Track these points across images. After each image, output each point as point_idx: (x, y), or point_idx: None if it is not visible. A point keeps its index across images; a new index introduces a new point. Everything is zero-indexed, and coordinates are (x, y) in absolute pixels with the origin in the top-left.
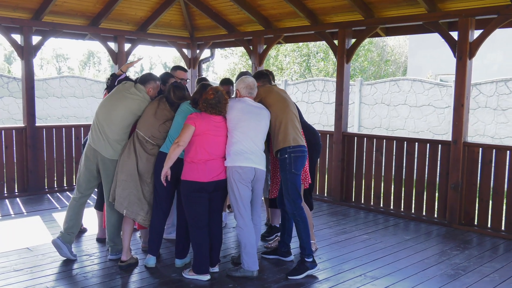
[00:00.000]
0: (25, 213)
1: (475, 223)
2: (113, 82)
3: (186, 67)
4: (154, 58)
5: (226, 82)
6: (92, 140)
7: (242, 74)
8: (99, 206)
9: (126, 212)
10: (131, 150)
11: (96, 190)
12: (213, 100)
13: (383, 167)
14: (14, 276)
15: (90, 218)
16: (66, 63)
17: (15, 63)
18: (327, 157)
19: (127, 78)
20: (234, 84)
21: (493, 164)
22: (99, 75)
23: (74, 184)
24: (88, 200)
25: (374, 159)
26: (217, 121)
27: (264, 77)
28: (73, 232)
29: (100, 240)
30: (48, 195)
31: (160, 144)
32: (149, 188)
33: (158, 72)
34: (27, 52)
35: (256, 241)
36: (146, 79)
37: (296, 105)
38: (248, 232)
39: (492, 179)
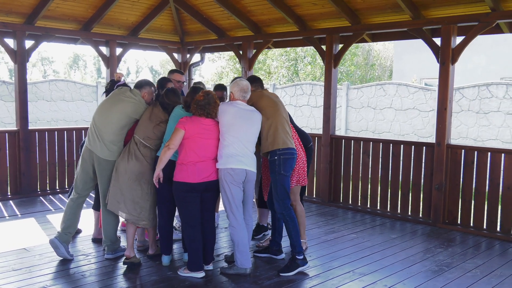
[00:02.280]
0: (19, 215)
1: (458, 222)
2: (112, 87)
3: (183, 72)
4: (141, 62)
5: (220, 87)
6: (88, 141)
7: (236, 79)
8: (96, 207)
9: (120, 213)
10: (126, 153)
11: (93, 191)
12: (203, 101)
13: (370, 168)
14: (13, 275)
15: (86, 219)
16: (51, 66)
17: None
18: (315, 159)
19: (125, 84)
20: (228, 87)
21: (475, 165)
22: (86, 78)
23: (66, 186)
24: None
25: (361, 161)
26: (207, 124)
27: (257, 81)
28: (70, 232)
29: (96, 240)
30: (41, 197)
31: (154, 146)
32: (143, 189)
33: (144, 75)
34: (20, 56)
35: (248, 240)
36: (141, 84)
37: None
38: (241, 231)
39: (474, 179)
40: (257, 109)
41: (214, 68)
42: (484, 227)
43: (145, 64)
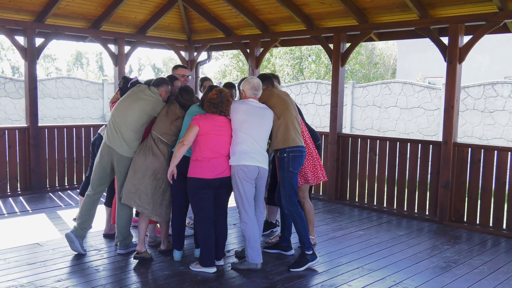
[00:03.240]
0: (30, 211)
1: (465, 219)
2: (126, 84)
3: (186, 66)
4: (143, 60)
5: (229, 86)
6: (107, 138)
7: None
8: (108, 203)
9: (134, 206)
10: (143, 149)
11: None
12: (216, 99)
13: (376, 166)
14: (28, 269)
15: (97, 215)
16: (54, 63)
17: (1, 63)
18: (322, 157)
19: (138, 81)
20: (241, 85)
21: (481, 164)
22: (89, 75)
23: (75, 183)
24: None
25: (368, 159)
26: (220, 121)
27: (267, 80)
28: (85, 227)
29: (107, 236)
30: (50, 193)
31: (171, 142)
32: (158, 185)
33: (147, 73)
34: (30, 54)
35: (259, 236)
36: (159, 82)
37: (297, 106)
38: (252, 226)
39: (480, 177)
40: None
41: (217, 66)
42: (491, 224)
43: (148, 62)
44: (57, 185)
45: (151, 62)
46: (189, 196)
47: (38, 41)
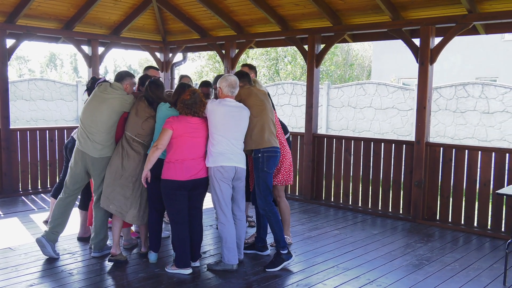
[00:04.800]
0: (2, 215)
1: (437, 218)
2: (93, 84)
3: (158, 68)
4: (119, 61)
5: (205, 84)
6: (79, 143)
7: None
8: (82, 206)
9: (111, 209)
10: (118, 150)
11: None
12: (189, 100)
13: (351, 166)
14: (0, 274)
15: (71, 218)
16: (27, 65)
17: None
18: (298, 158)
19: (106, 81)
20: (217, 82)
21: (453, 163)
22: (63, 77)
23: (48, 186)
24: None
25: (343, 159)
26: (194, 123)
27: (245, 77)
28: (57, 231)
29: (81, 239)
30: (22, 197)
31: (146, 142)
32: (135, 187)
33: None
34: (1, 56)
35: (243, 235)
36: (122, 76)
37: (273, 103)
38: (230, 227)
39: (452, 176)
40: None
41: (194, 67)
42: (462, 222)
43: (124, 63)
44: (30, 188)
45: (127, 63)
46: (163, 198)
47: (9, 42)
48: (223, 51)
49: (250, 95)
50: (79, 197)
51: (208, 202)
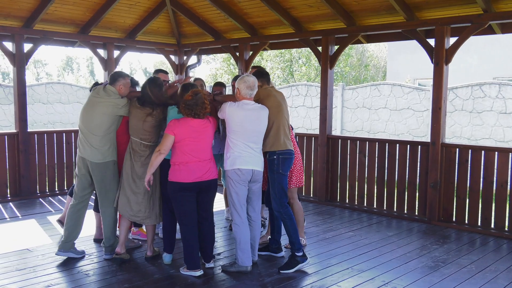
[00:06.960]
0: (20, 217)
1: (453, 219)
2: None
3: (167, 71)
4: (134, 64)
5: (219, 84)
6: (79, 149)
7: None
8: (97, 208)
9: (128, 216)
10: (128, 155)
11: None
12: (191, 101)
13: (366, 168)
14: (17, 275)
15: (87, 219)
16: (44, 69)
17: None
18: (312, 159)
19: (99, 84)
20: (236, 82)
21: (469, 164)
22: (80, 80)
23: (65, 188)
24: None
25: (357, 161)
26: (195, 126)
27: (264, 76)
28: (71, 239)
29: (97, 241)
30: (40, 199)
31: (153, 142)
32: (146, 190)
33: (138, 77)
34: (19, 60)
35: (257, 236)
36: (114, 78)
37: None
38: (244, 228)
39: (468, 177)
40: None
41: (208, 70)
42: (479, 224)
43: (139, 66)
44: (47, 190)
45: (142, 66)
46: (171, 199)
47: (27, 46)
48: (237, 53)
49: (268, 96)
50: (93, 197)
51: (219, 204)
